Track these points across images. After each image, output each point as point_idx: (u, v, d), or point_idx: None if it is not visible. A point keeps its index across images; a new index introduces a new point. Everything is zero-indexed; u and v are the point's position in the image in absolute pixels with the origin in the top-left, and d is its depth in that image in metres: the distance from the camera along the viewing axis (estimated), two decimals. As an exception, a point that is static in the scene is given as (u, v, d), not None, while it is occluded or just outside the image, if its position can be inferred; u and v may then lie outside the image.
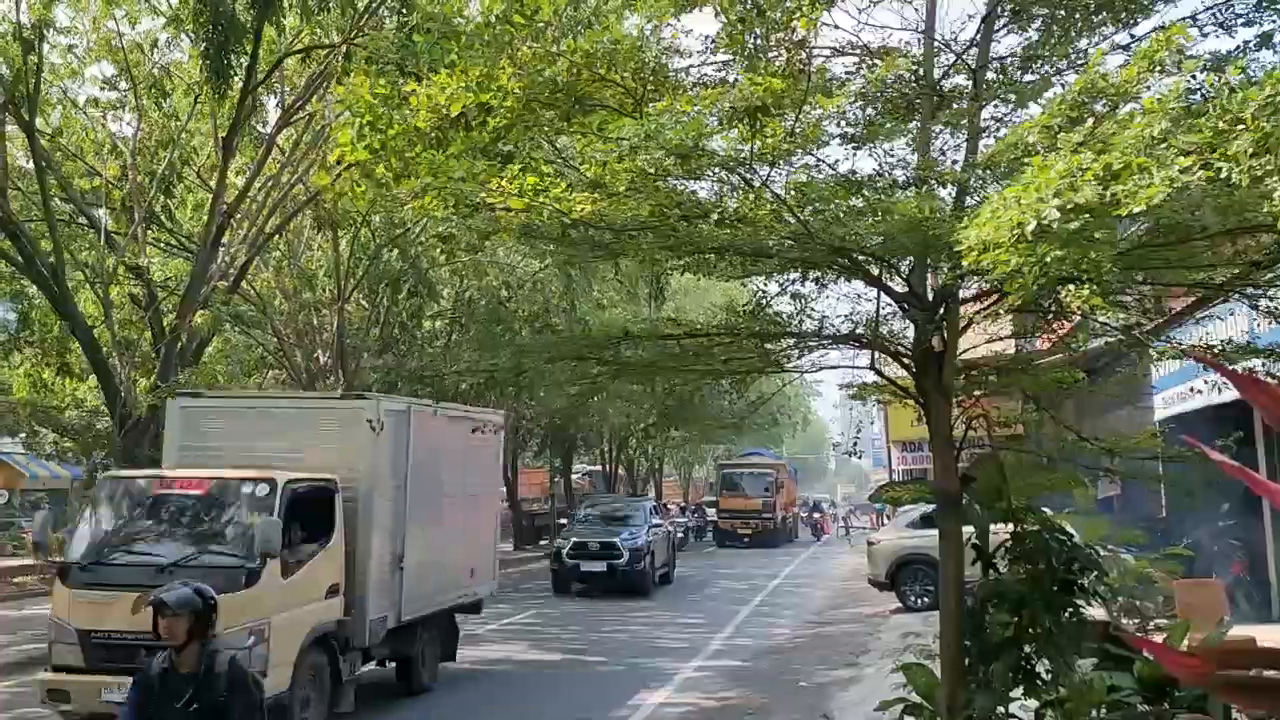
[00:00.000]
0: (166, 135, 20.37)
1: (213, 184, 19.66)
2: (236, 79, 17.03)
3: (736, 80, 6.08)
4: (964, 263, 4.34)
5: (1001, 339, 7.97)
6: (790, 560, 34.66)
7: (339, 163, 5.44)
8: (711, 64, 6.25)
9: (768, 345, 7.13)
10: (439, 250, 21.75)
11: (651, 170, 4.48)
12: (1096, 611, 6.79)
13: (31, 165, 18.31)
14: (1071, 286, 3.88)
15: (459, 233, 16.36)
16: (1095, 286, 3.74)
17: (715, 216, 4.88)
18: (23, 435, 31.27)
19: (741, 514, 41.83)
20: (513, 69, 4.93)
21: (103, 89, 20.93)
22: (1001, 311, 6.42)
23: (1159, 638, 7.16)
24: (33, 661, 12.06)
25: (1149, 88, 4.92)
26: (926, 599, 16.96)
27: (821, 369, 7.46)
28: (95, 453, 30.35)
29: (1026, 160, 5.09)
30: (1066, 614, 6.06)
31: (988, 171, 5.76)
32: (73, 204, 19.88)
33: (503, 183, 4.60)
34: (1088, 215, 3.81)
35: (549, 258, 24.81)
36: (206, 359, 20.45)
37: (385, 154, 4.95)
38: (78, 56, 19.97)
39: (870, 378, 8.20)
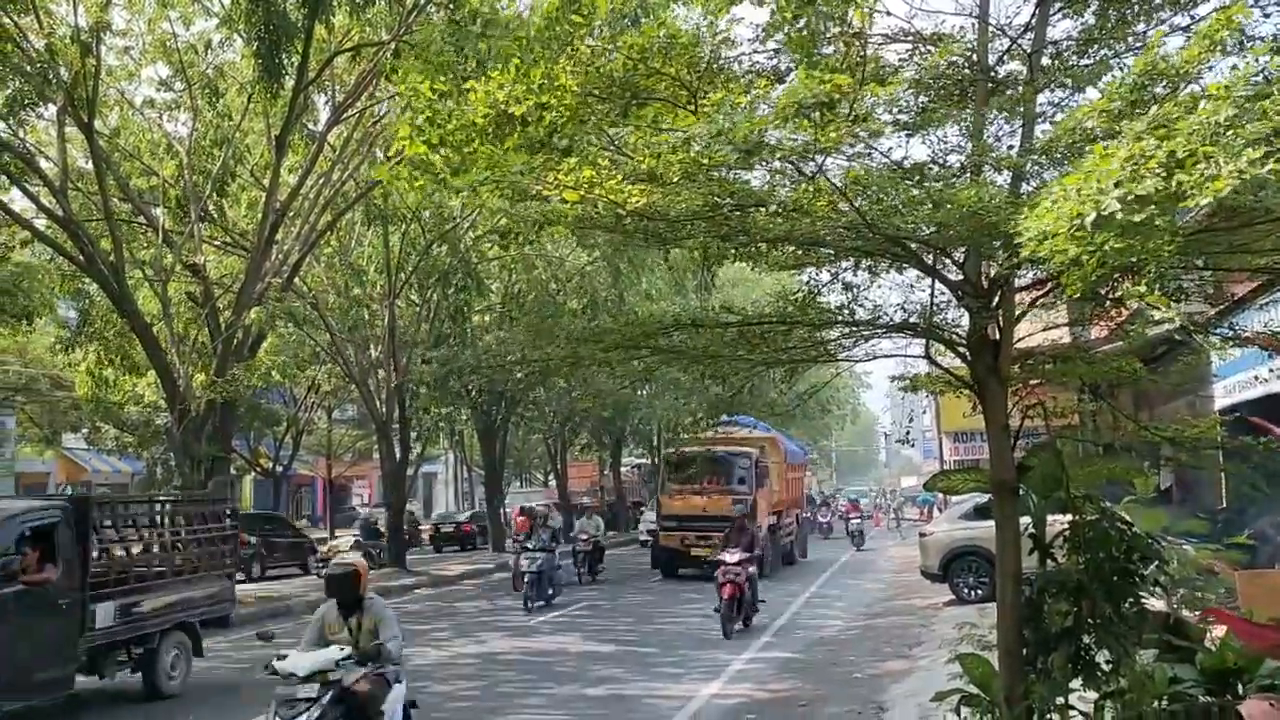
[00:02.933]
0: (220, 135, 20.71)
1: (266, 182, 19.98)
2: (288, 78, 17.28)
3: (790, 69, 6.08)
4: (1022, 253, 4.30)
5: (1057, 327, 7.88)
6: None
7: (396, 156, 5.51)
8: (762, 52, 6.25)
9: (820, 334, 7.11)
10: (496, 244, 21.92)
11: (705, 161, 4.49)
12: (1157, 602, 6.70)
13: (91, 166, 18.70)
14: (1128, 283, 3.82)
15: (515, 226, 16.48)
16: (1153, 278, 3.69)
17: (772, 207, 4.88)
18: (85, 430, 32.02)
19: (698, 521, 23.51)
20: (570, 65, 4.97)
21: (158, 90, 21.35)
22: (1059, 299, 6.34)
23: (1220, 630, 7.05)
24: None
25: (1210, 68, 4.84)
26: (980, 591, 16.82)
27: (874, 358, 7.44)
28: (154, 447, 31.04)
29: (1085, 146, 5.03)
30: (1127, 604, 5.98)
31: (1044, 157, 5.70)
32: (131, 203, 20.27)
33: (559, 175, 4.64)
34: (1151, 206, 3.76)
35: (597, 251, 24.97)
36: (262, 354, 20.75)
37: (444, 148, 5.01)
38: (134, 58, 20.35)
39: (923, 367, 8.16)
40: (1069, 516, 6.36)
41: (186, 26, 19.85)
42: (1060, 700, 5.96)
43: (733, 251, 6.38)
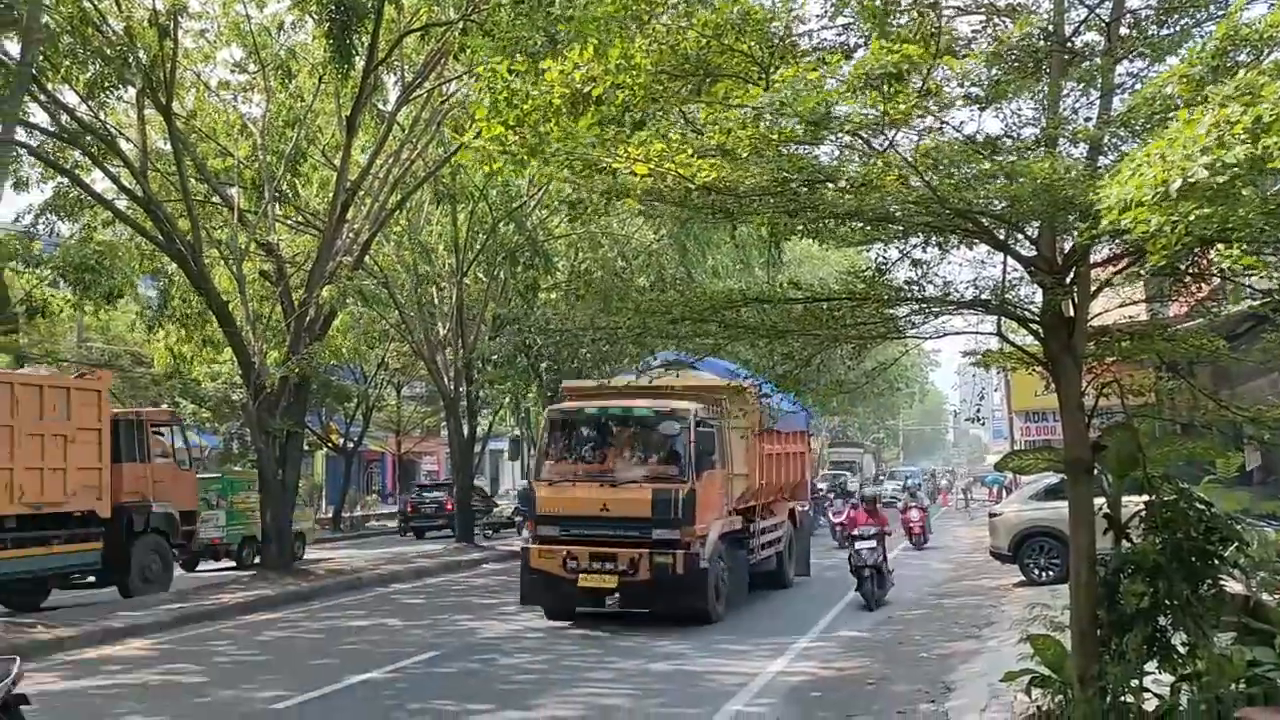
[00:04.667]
0: (293, 115, 21.05)
1: (337, 162, 20.27)
2: (358, 58, 17.49)
3: (859, 44, 6.01)
4: (1102, 223, 4.22)
5: (1134, 304, 7.73)
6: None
7: (474, 137, 5.53)
8: (832, 28, 6.19)
9: (888, 311, 7.05)
10: (565, 218, 22.01)
11: (774, 136, 4.46)
12: (1235, 585, 6.56)
13: (169, 147, 19.12)
14: (1220, 246, 3.73)
15: (584, 199, 16.45)
16: (1245, 244, 3.59)
17: (841, 182, 4.85)
18: (164, 406, 32.87)
19: (595, 528, 13.84)
20: (645, 44, 4.97)
21: (233, 72, 21.73)
22: (1139, 272, 6.21)
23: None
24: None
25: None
26: (1051, 572, 16.57)
27: (944, 335, 7.36)
28: (231, 422, 31.80)
29: (1165, 115, 4.91)
30: (1205, 585, 5.88)
31: (1123, 129, 5.57)
32: (207, 184, 20.70)
33: (630, 149, 4.65)
34: (1235, 170, 3.66)
35: (664, 229, 24.94)
36: (333, 332, 21.11)
37: (521, 129, 5.04)
38: (209, 41, 20.72)
39: (994, 344, 8.05)
40: (1146, 497, 6.26)
41: (260, 9, 20.18)
42: (1135, 682, 5.88)
43: (800, 227, 6.35)
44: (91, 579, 17.16)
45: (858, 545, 15.47)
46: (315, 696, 10.08)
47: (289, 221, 22.87)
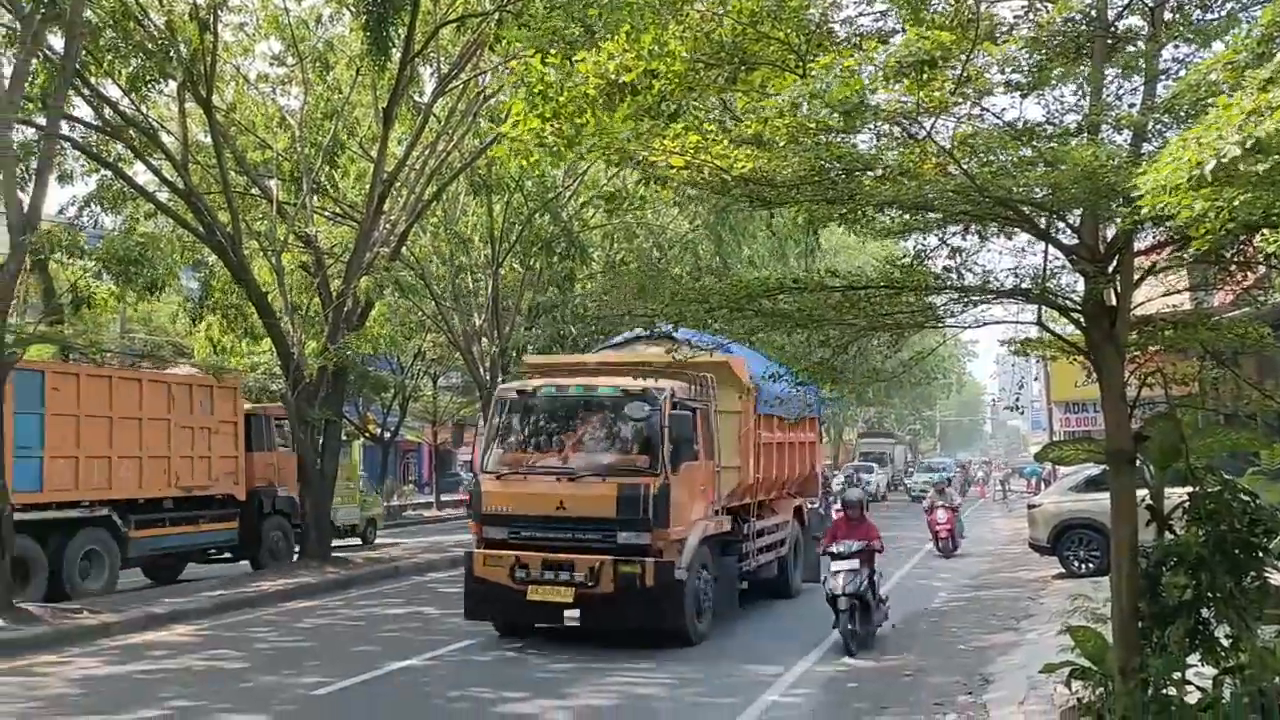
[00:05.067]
0: (330, 107, 21.18)
1: (374, 154, 20.39)
2: (395, 50, 17.57)
3: (897, 30, 5.96)
4: (1141, 209, 4.17)
5: (1177, 292, 7.63)
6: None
7: (510, 130, 5.54)
8: (869, 14, 6.14)
9: (927, 300, 7.00)
10: (601, 209, 22.04)
11: (811, 125, 4.44)
12: (1279, 577, 6.48)
13: (209, 140, 19.32)
14: (1266, 231, 3.67)
15: (622, 191, 16.49)
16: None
17: (879, 171, 4.82)
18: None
19: (548, 529, 11.76)
20: (680, 31, 4.96)
21: (272, 65, 21.88)
22: (1183, 258, 6.13)
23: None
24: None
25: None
26: (1091, 564, 16.42)
27: (983, 324, 7.30)
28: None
29: (1210, 101, 4.84)
30: (1248, 578, 5.81)
31: (1167, 115, 5.49)
32: (247, 176, 20.88)
33: (665, 142, 4.65)
34: (1278, 157, 3.60)
35: (699, 219, 24.89)
36: (370, 322, 21.28)
37: (557, 121, 5.04)
38: (248, 34, 20.87)
39: (1034, 334, 7.98)
40: (1189, 488, 6.19)
41: (298, 2, 20.33)
42: (1177, 675, 5.82)
43: (838, 217, 6.31)
44: (228, 554, 19.45)
45: (834, 567, 11.45)
46: (355, 683, 10.20)
47: (327, 213, 23.04)
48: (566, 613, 11.33)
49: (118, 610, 13.92)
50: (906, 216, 6.44)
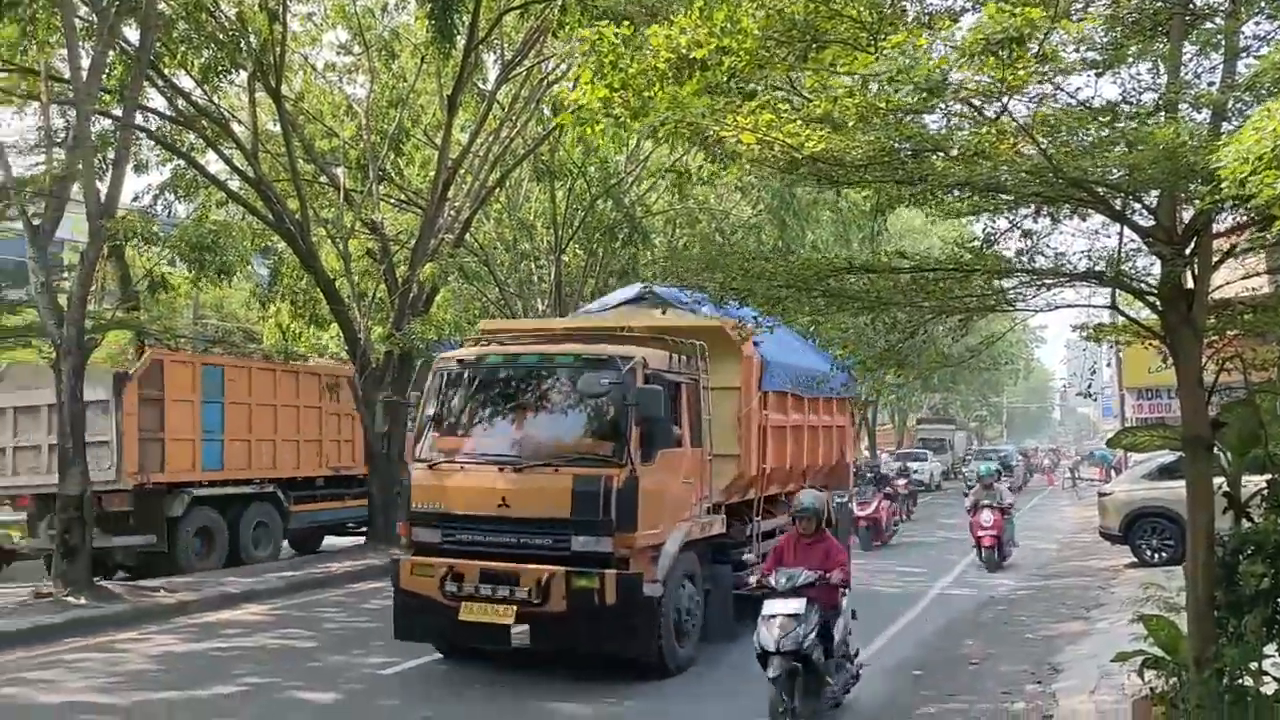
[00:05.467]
0: (396, 95, 21.41)
1: (438, 141, 20.57)
2: (459, 38, 17.69)
3: (966, 8, 5.86)
4: (1222, 189, 4.07)
5: (1257, 275, 7.43)
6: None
7: (575, 103, 5.55)
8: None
9: (997, 283, 6.91)
10: (670, 184, 21.97)
11: (881, 105, 4.40)
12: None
13: (279, 129, 19.64)
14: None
15: (690, 166, 16.42)
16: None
17: (955, 150, 4.75)
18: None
19: (488, 530, 9.56)
20: (753, 8, 4.93)
21: (338, 54, 22.17)
22: (1266, 238, 5.97)
23: None
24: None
25: None
26: (1164, 553, 16.11)
27: (1055, 308, 7.17)
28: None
29: (1296, 77, 4.71)
30: (1330, 567, 5.66)
31: (1248, 94, 5.34)
32: (315, 164, 21.21)
33: (739, 119, 4.64)
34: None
35: (762, 204, 24.76)
36: (435, 308, 21.51)
37: (625, 92, 5.05)
38: (315, 24, 21.18)
39: (1107, 318, 7.83)
40: (1267, 475, 6.06)
41: (364, -9, 20.54)
42: (1254, 665, 5.70)
43: (908, 197, 6.24)
44: (364, 529, 20.49)
45: (768, 609, 7.74)
46: (421, 663, 10.36)
47: (392, 200, 23.31)
48: (515, 629, 9.13)
49: (194, 590, 14.30)
50: (977, 198, 6.35)
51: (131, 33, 16.37)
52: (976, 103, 4.89)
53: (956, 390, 56.26)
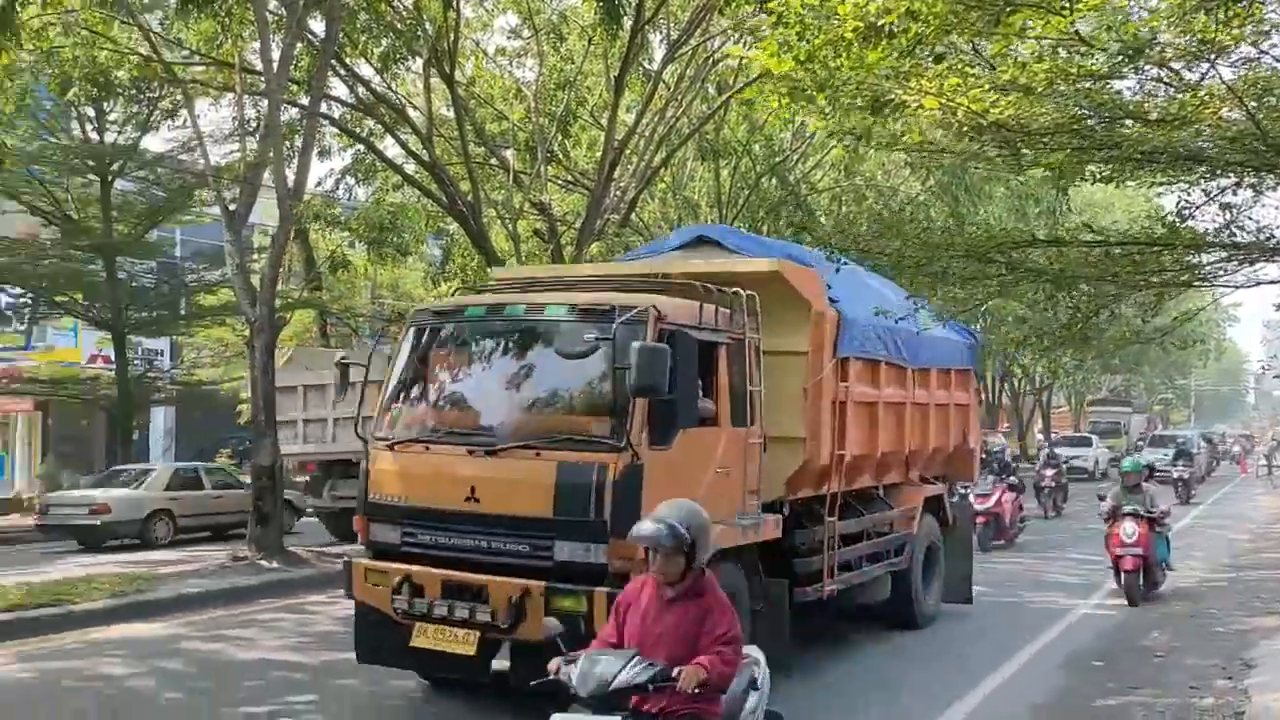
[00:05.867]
0: (563, 78, 21.77)
1: (604, 122, 20.81)
2: (626, 19, 17.83)
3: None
4: None
5: None
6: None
7: (769, 60, 5.43)
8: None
9: (1190, 259, 6.54)
10: (846, 147, 21.56)
11: (1072, 70, 4.21)
12: None
13: (452, 113, 20.26)
14: None
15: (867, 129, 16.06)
16: None
17: (1154, 116, 4.51)
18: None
19: (456, 529, 7.28)
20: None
21: (509, 38, 22.69)
22: None
23: None
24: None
25: None
26: (1372, 548, 14.92)
27: (1258, 284, 6.74)
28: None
29: None
30: None
31: None
32: (485, 147, 21.79)
33: (923, 81, 4.53)
34: None
35: (932, 179, 24.08)
36: (602, 287, 21.80)
37: (812, 64, 4.99)
38: (487, 10, 21.71)
39: (1314, 295, 7.32)
40: None
41: (533, -25, 20.92)
42: None
43: (1093, 170, 5.97)
44: None
45: None
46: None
47: (560, 181, 23.72)
48: (495, 661, 6.97)
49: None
50: (1169, 169, 6.02)
51: (317, 25, 17.17)
52: (1176, 67, 4.63)
53: (1140, 372, 53.53)
